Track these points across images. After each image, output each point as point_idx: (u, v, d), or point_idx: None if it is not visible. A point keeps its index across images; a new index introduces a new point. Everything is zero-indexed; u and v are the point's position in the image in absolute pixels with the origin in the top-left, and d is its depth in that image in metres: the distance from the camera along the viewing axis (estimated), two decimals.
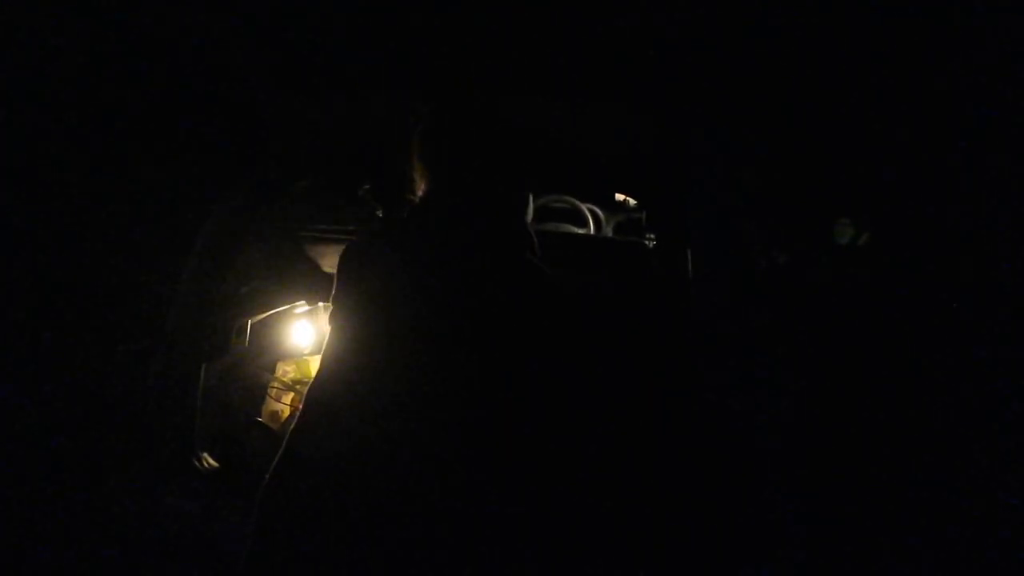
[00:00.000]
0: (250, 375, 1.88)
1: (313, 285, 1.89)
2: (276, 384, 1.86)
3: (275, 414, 1.83)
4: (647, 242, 2.04)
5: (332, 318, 1.24)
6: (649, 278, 1.82)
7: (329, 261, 1.85)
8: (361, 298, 1.21)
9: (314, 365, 1.95)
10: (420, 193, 1.31)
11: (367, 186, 1.85)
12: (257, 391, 1.88)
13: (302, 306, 1.95)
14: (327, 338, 1.24)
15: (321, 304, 1.96)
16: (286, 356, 1.94)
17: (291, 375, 1.89)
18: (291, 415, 1.82)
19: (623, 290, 1.87)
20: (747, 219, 1.79)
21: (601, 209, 2.34)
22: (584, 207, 2.31)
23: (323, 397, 1.15)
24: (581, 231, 2.32)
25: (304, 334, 1.97)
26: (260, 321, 1.86)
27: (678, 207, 1.72)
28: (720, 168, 1.77)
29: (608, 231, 2.36)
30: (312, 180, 1.83)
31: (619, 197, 2.39)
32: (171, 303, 1.67)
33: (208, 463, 1.72)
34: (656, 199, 1.85)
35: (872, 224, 2.04)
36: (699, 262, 1.63)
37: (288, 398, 1.85)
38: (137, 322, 1.79)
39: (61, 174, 0.94)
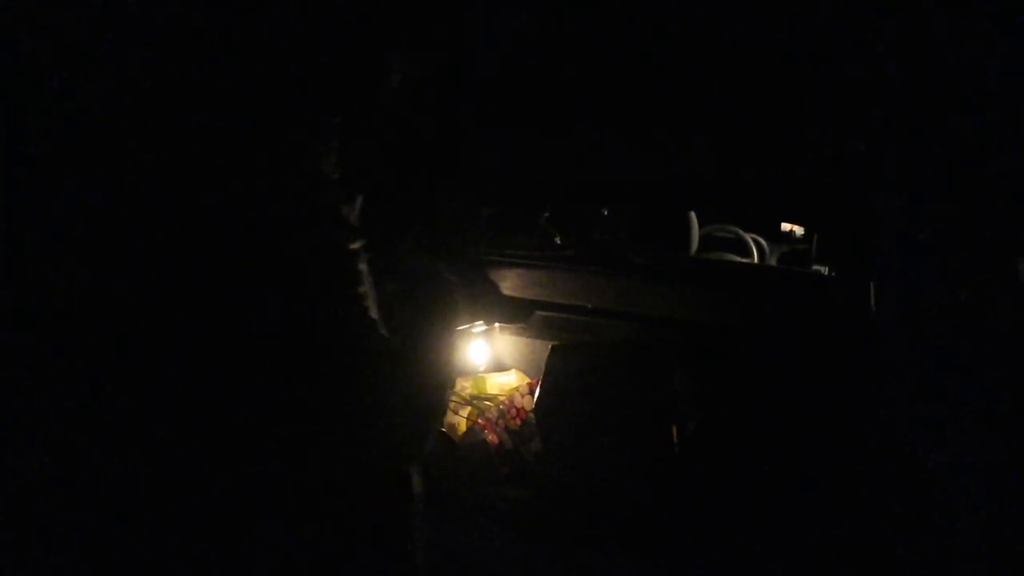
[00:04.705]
0: None
1: (491, 306, 2.00)
2: (455, 398, 1.98)
3: (453, 426, 1.94)
4: (817, 273, 2.04)
5: None
6: (826, 310, 1.81)
7: (508, 284, 1.96)
8: None
9: (490, 382, 2.06)
10: None
11: (546, 214, 1.96)
12: None
13: (480, 326, 2.06)
14: None
15: (497, 325, 2.07)
16: (464, 373, 2.06)
17: (468, 391, 2.00)
18: (468, 429, 1.93)
19: (793, 321, 1.88)
20: (932, 254, 1.75)
21: (765, 239, 2.36)
22: (748, 237, 2.33)
23: None
24: (744, 261, 2.33)
25: (481, 353, 2.08)
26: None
27: (861, 238, 1.72)
28: (902, 198, 1.75)
29: (772, 261, 2.36)
30: (498, 208, 1.95)
31: (785, 227, 2.39)
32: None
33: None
34: (834, 229, 1.85)
35: None
36: (884, 296, 1.63)
37: (465, 412, 1.96)
38: None
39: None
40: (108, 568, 0.94)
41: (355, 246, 1.07)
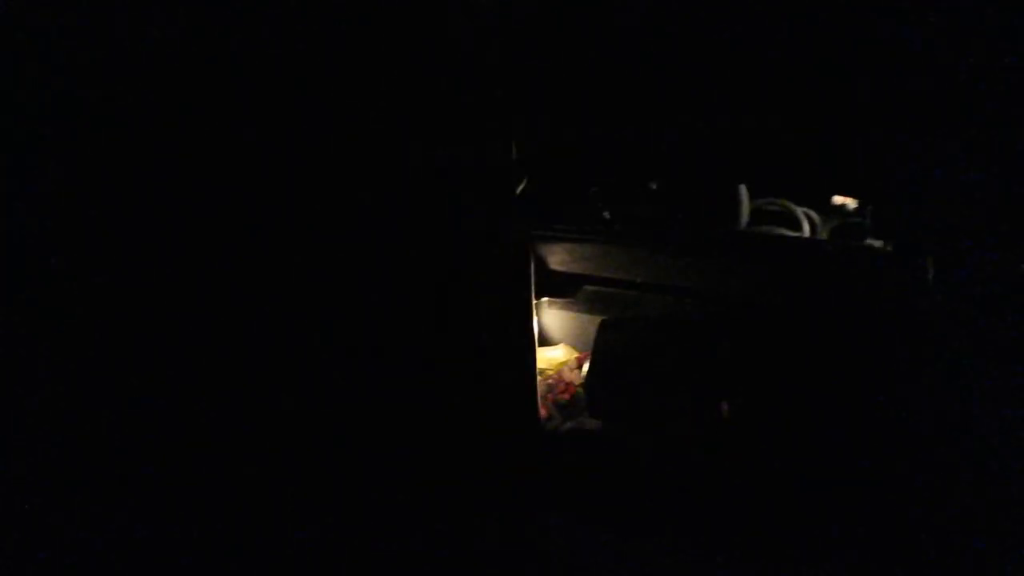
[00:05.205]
0: None
1: (537, 281, 2.00)
2: None
3: None
4: (871, 247, 2.00)
5: None
6: (879, 285, 1.78)
7: (556, 259, 1.96)
8: None
9: (538, 357, 2.07)
10: None
11: (595, 188, 1.95)
12: None
13: None
14: None
15: (545, 299, 2.07)
16: None
17: None
18: None
19: (845, 296, 1.85)
20: (993, 225, 1.70)
21: (817, 213, 2.31)
22: (799, 210, 2.29)
23: None
24: (794, 235, 2.29)
25: None
26: None
27: (916, 211, 1.68)
28: (962, 167, 1.70)
29: (824, 235, 2.32)
30: (540, 182, 1.94)
31: (837, 200, 2.34)
32: None
33: None
34: (888, 202, 1.81)
35: None
36: (943, 270, 1.59)
37: None
38: None
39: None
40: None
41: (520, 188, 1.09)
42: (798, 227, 2.32)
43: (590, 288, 1.99)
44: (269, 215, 0.99)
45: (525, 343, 1.11)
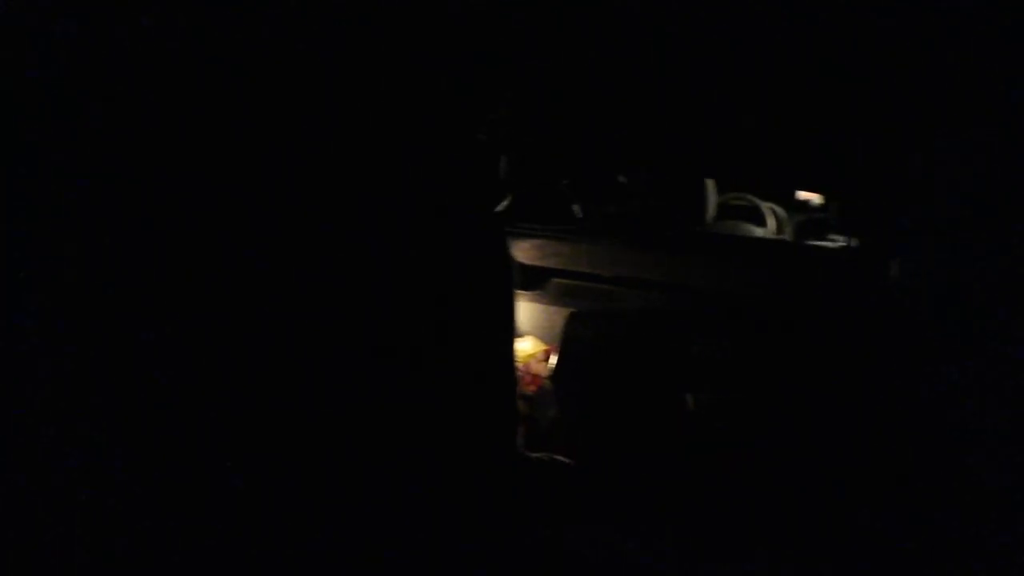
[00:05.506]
0: None
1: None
2: None
3: None
4: (833, 244, 2.03)
5: None
6: (842, 284, 1.81)
7: (524, 254, 1.95)
8: None
9: None
10: None
11: (566, 181, 1.94)
12: None
13: None
14: None
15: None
16: None
17: None
18: None
19: (809, 292, 1.88)
20: (959, 226, 1.73)
21: (783, 208, 2.34)
22: (765, 206, 2.31)
23: None
24: (760, 231, 2.32)
25: None
26: None
27: (883, 208, 1.71)
28: (924, 167, 1.72)
29: (788, 232, 2.35)
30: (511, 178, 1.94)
31: (801, 196, 2.37)
32: None
33: None
34: (857, 199, 1.84)
35: None
36: (908, 269, 1.62)
37: None
38: None
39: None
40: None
41: (502, 206, 1.10)
42: (763, 222, 2.35)
43: (558, 281, 1.99)
44: (270, 214, 0.99)
45: (507, 353, 1.12)
